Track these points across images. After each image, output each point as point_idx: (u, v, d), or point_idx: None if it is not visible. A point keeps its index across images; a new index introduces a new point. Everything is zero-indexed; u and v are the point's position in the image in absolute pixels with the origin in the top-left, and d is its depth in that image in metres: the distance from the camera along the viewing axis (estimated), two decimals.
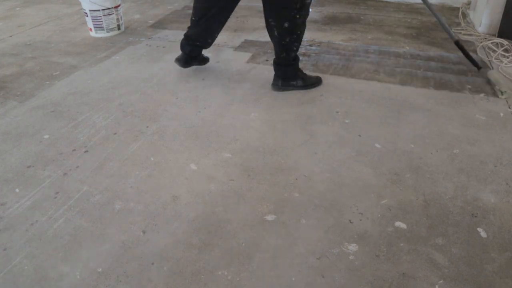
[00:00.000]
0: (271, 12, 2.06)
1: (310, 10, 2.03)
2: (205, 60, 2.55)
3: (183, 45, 2.37)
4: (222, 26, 2.29)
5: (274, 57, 2.27)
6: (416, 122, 1.97)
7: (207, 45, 2.38)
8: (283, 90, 2.27)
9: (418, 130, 1.91)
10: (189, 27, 2.33)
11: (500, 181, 1.58)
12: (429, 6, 2.31)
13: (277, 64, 2.26)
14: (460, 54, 2.45)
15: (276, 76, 2.29)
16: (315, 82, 2.32)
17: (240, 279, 1.22)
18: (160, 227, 1.41)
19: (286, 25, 2.03)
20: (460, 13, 3.48)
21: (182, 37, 2.36)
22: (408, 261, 1.26)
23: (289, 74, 2.25)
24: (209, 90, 2.31)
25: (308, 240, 1.34)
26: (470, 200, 1.50)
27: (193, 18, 2.26)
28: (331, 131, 1.91)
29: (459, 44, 2.35)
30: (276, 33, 2.10)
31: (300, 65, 2.32)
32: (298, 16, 2.01)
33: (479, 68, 2.36)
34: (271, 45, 2.23)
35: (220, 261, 1.28)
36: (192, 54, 2.39)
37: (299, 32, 2.10)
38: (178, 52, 2.43)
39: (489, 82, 2.29)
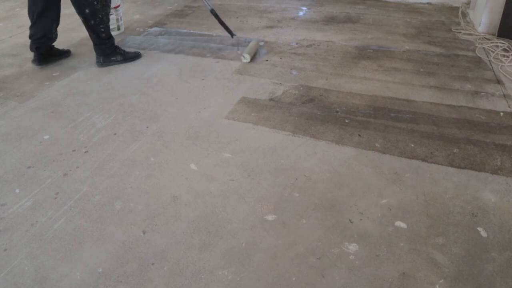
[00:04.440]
0: (73, 2, 2.40)
1: None
2: (65, 53, 2.79)
3: (30, 46, 2.58)
4: (57, 22, 2.56)
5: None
6: (416, 121, 1.97)
7: (50, 40, 2.60)
8: (106, 65, 2.62)
9: (418, 129, 1.90)
10: (30, 27, 2.54)
11: (500, 181, 1.58)
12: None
13: (94, 44, 2.61)
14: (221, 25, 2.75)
15: (96, 54, 2.64)
16: (134, 56, 2.71)
17: (240, 279, 1.22)
18: (160, 227, 1.41)
19: (87, 11, 2.42)
20: (459, 12, 3.48)
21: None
22: (408, 260, 1.26)
23: (107, 52, 2.61)
24: (209, 90, 2.31)
25: (308, 240, 1.34)
26: (470, 199, 1.50)
27: (30, 18, 2.51)
28: (331, 131, 1.91)
29: (213, 12, 2.72)
30: (81, 18, 2.48)
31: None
32: (95, 3, 2.41)
33: (232, 35, 2.76)
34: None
35: (220, 261, 1.28)
36: (40, 51, 2.59)
37: (101, 16, 2.47)
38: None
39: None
